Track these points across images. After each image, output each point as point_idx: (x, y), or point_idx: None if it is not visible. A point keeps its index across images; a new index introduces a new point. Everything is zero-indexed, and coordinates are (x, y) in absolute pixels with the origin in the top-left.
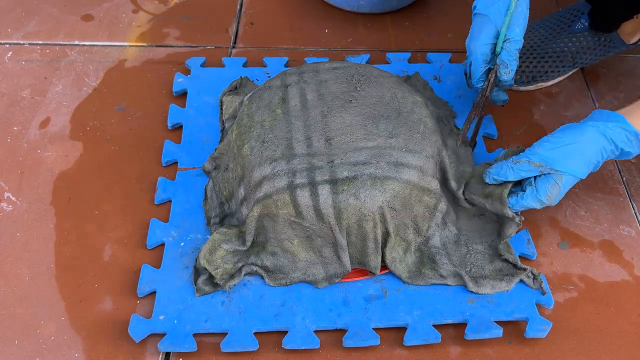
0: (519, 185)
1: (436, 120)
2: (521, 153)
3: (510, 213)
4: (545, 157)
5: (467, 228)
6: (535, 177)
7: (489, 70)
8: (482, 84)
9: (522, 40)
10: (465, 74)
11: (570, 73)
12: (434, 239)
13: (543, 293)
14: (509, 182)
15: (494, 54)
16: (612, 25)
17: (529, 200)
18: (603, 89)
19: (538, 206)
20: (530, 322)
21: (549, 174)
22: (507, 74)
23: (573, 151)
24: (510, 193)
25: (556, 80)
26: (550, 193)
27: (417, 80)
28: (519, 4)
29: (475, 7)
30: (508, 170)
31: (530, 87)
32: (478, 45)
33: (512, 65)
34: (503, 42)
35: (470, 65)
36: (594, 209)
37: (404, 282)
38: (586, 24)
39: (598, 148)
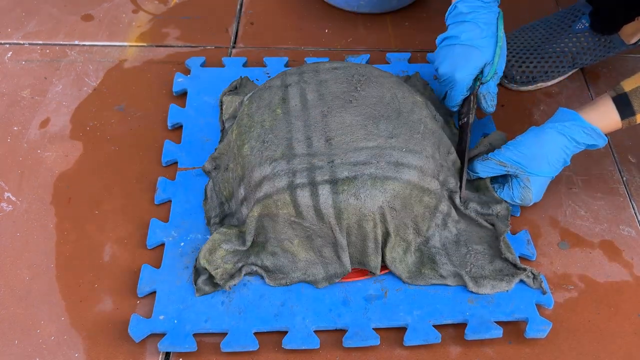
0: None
1: (436, 121)
2: (490, 153)
3: (498, 197)
4: (510, 160)
5: (467, 229)
6: (511, 178)
7: (466, 97)
8: (457, 108)
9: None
10: (441, 95)
11: (570, 73)
12: (434, 239)
13: (543, 292)
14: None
15: (474, 82)
16: (613, 27)
17: (504, 196)
18: (603, 89)
19: (514, 202)
20: (530, 323)
21: (516, 176)
22: (492, 105)
23: (535, 153)
24: (496, 185)
25: (556, 81)
26: (522, 195)
27: (417, 80)
28: (504, 38)
29: (458, 37)
30: (478, 166)
31: (530, 87)
32: (465, 75)
33: (495, 97)
34: (493, 73)
35: (450, 90)
36: (594, 209)
37: (404, 282)
38: (587, 24)
39: (559, 147)
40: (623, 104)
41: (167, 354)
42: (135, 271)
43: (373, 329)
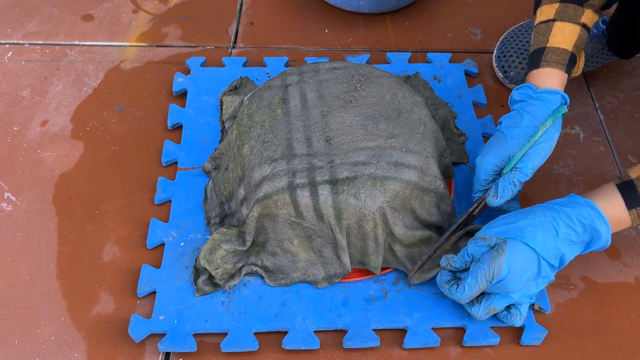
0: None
1: (435, 121)
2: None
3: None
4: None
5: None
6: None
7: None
8: (478, 196)
9: (530, 175)
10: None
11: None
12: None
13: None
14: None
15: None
16: (631, 53)
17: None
18: (603, 89)
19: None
20: (526, 330)
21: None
22: (494, 198)
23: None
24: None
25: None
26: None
27: (418, 80)
28: (544, 139)
29: (500, 122)
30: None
31: None
32: (483, 162)
33: (505, 193)
34: (511, 169)
35: (474, 176)
36: None
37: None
38: (594, 30)
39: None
40: (630, 193)
41: (167, 354)
42: (135, 271)
43: (373, 329)
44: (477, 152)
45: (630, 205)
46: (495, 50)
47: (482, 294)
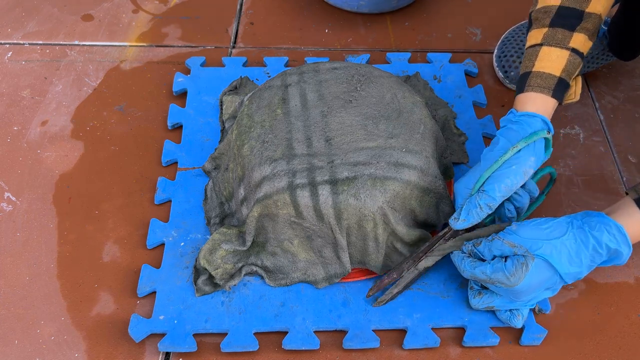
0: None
1: (435, 121)
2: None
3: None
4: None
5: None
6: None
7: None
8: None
9: (498, 199)
10: None
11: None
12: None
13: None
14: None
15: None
16: (632, 55)
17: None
18: (603, 89)
19: (501, 279)
20: (526, 330)
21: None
22: (456, 220)
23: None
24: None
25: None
26: (516, 271)
27: (418, 80)
28: (515, 161)
29: (487, 149)
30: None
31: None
32: (458, 186)
33: (469, 217)
34: (477, 190)
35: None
36: (594, 209)
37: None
38: None
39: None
40: None
41: (167, 354)
42: (135, 271)
43: (373, 330)
44: (477, 152)
45: None
46: (495, 50)
47: (486, 287)
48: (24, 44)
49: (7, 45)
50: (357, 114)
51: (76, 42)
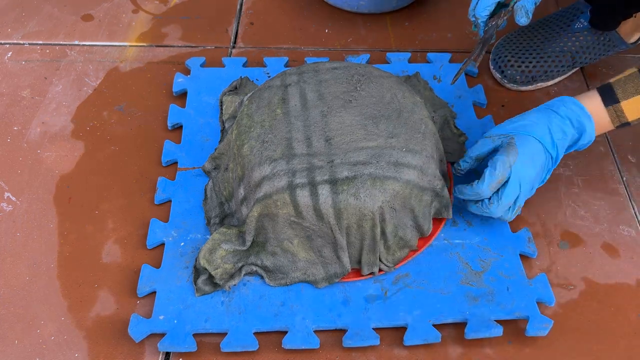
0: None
1: (434, 122)
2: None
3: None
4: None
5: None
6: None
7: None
8: (487, 14)
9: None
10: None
11: (570, 73)
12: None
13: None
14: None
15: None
16: (611, 23)
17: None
18: None
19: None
20: (531, 320)
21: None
22: (527, 18)
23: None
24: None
25: (556, 80)
26: (507, 150)
27: (418, 81)
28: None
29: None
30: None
31: (530, 87)
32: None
33: (530, 12)
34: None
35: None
36: (594, 209)
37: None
38: (586, 23)
39: (549, 121)
40: (607, 93)
41: (167, 354)
42: (135, 271)
43: (373, 328)
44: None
45: (606, 103)
46: (491, 55)
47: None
48: (24, 44)
49: (7, 45)
50: (357, 113)
51: (76, 42)
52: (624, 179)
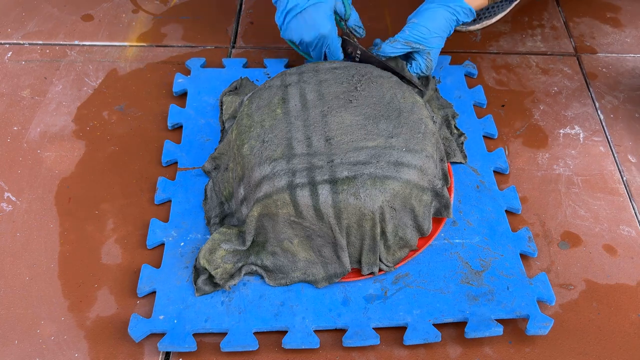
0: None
1: (434, 122)
2: (396, 35)
3: (408, 74)
4: (414, 39)
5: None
6: (413, 55)
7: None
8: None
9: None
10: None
11: (510, 8)
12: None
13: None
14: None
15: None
16: None
17: (414, 70)
18: (603, 89)
19: (422, 73)
20: (531, 319)
21: (418, 51)
22: (363, 30)
23: (434, 33)
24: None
25: (499, 17)
26: (427, 65)
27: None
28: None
29: (297, 5)
30: (387, 47)
31: (477, 25)
32: (328, 26)
33: (360, 22)
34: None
35: (328, 47)
36: (594, 209)
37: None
38: None
39: (448, 24)
40: None
41: (167, 354)
42: (135, 271)
43: (373, 328)
44: (477, 152)
45: None
46: None
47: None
48: (24, 44)
49: (7, 45)
50: (357, 113)
51: (76, 42)
52: (624, 179)
